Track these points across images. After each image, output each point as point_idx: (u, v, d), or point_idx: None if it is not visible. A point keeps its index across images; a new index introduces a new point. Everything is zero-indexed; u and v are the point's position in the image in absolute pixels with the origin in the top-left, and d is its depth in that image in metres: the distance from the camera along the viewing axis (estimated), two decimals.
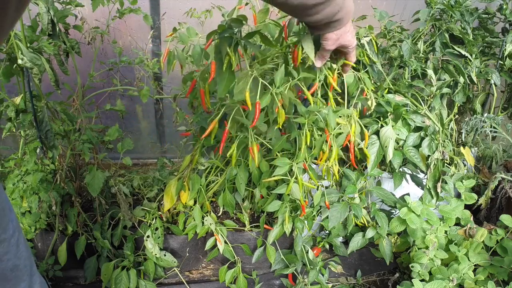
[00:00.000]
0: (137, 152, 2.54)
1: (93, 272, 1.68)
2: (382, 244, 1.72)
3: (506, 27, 2.01)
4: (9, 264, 0.96)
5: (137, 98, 1.83)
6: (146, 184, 1.94)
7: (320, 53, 1.17)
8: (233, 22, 1.14)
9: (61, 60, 1.51)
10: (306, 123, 1.33)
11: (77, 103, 1.64)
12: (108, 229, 1.70)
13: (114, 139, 1.67)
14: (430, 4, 1.84)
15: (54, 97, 1.59)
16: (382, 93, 1.66)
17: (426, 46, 1.87)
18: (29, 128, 1.56)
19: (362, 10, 2.19)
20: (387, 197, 1.66)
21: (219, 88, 1.18)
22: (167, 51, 1.49)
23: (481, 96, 2.07)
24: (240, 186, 1.58)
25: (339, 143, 1.45)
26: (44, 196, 1.59)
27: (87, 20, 1.65)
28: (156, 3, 2.14)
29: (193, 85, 1.43)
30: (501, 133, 1.88)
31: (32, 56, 1.30)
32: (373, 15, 1.85)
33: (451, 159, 1.79)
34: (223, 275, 1.70)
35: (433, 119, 1.69)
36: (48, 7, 1.36)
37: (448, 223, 1.71)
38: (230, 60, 1.15)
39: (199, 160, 1.63)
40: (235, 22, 1.13)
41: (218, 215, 1.78)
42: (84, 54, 1.62)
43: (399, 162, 1.63)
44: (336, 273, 1.85)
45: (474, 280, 1.49)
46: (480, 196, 1.87)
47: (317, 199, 1.60)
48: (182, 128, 1.75)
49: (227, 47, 1.14)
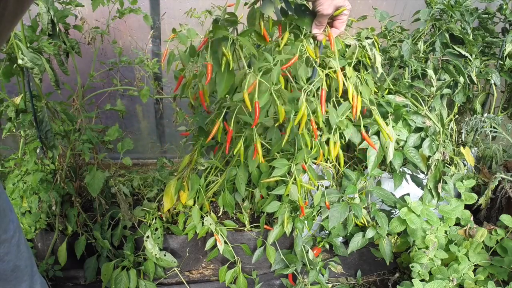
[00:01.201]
0: (137, 152, 2.54)
1: (93, 272, 1.68)
2: (382, 244, 1.72)
3: (506, 27, 2.01)
4: (10, 265, 0.96)
5: (137, 98, 1.83)
6: (146, 184, 1.94)
7: (317, 20, 1.15)
8: (227, 21, 1.13)
9: (61, 60, 1.51)
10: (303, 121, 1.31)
11: (77, 103, 1.64)
12: (108, 229, 1.70)
13: (114, 139, 1.67)
14: (430, 4, 1.84)
15: (54, 97, 1.59)
16: (382, 94, 1.66)
17: (426, 46, 1.87)
18: (29, 128, 1.56)
19: (362, 10, 2.19)
20: (387, 197, 1.66)
21: (219, 88, 1.17)
22: (167, 51, 1.49)
23: (481, 96, 2.07)
24: (240, 186, 1.58)
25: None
26: (44, 196, 1.59)
27: (87, 20, 1.65)
28: (156, 3, 2.14)
29: (180, 81, 1.42)
30: (501, 133, 1.88)
31: (32, 56, 1.30)
32: (373, 16, 1.85)
33: (451, 159, 1.79)
34: (223, 275, 1.70)
35: (433, 119, 1.69)
36: (48, 7, 1.36)
37: (448, 223, 1.71)
38: (227, 60, 1.15)
39: (198, 160, 1.63)
40: (229, 22, 1.13)
41: (218, 215, 1.78)
42: (84, 54, 1.62)
43: (400, 163, 1.63)
44: (336, 273, 1.85)
45: (474, 280, 1.49)
46: (480, 196, 1.87)
47: (317, 199, 1.60)
48: (182, 128, 1.75)
49: (223, 47, 1.13)
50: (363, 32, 1.55)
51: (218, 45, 1.15)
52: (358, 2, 2.30)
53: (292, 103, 1.27)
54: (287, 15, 1.22)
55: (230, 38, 1.14)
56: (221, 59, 1.15)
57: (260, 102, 1.18)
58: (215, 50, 1.16)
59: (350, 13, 1.16)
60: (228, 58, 1.14)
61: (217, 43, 1.15)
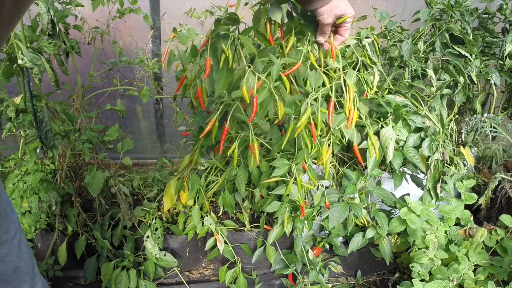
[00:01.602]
0: (137, 152, 2.54)
1: (93, 272, 1.68)
2: (382, 244, 1.72)
3: (506, 27, 2.01)
4: (11, 266, 0.96)
5: (137, 98, 1.83)
6: (146, 184, 1.94)
7: (319, 28, 1.16)
8: (229, 20, 1.13)
9: (61, 60, 1.51)
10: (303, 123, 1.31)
11: (77, 103, 1.64)
12: (108, 229, 1.70)
13: (114, 139, 1.67)
14: (430, 4, 1.84)
15: (54, 97, 1.59)
16: (382, 94, 1.66)
17: (426, 46, 1.87)
18: (29, 128, 1.56)
19: (362, 10, 2.19)
20: (387, 197, 1.66)
21: (217, 85, 1.16)
22: (167, 51, 1.49)
23: (481, 96, 2.07)
24: (240, 186, 1.58)
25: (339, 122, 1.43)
26: (44, 196, 1.59)
27: (87, 20, 1.64)
28: (156, 3, 2.14)
29: (182, 81, 1.42)
30: (501, 133, 1.88)
31: (32, 56, 1.30)
32: (373, 16, 1.85)
33: (451, 159, 1.79)
34: (223, 275, 1.70)
35: (433, 119, 1.69)
36: (48, 7, 1.36)
37: (448, 223, 1.71)
38: (227, 57, 1.15)
39: (198, 160, 1.63)
40: (231, 20, 1.13)
41: (218, 215, 1.78)
42: (84, 54, 1.62)
43: (399, 163, 1.63)
44: (336, 273, 1.85)
45: (474, 280, 1.49)
46: (480, 196, 1.87)
47: (317, 199, 1.60)
48: (182, 128, 1.75)
49: (223, 44, 1.13)
50: (363, 32, 1.55)
51: (217, 42, 1.14)
52: (358, 2, 2.30)
53: (292, 105, 1.27)
54: (293, 19, 1.22)
55: (230, 36, 1.14)
56: (220, 56, 1.15)
57: (259, 98, 1.16)
58: (214, 47, 1.16)
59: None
60: (228, 55, 1.14)
61: (217, 40, 1.15)
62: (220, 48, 1.14)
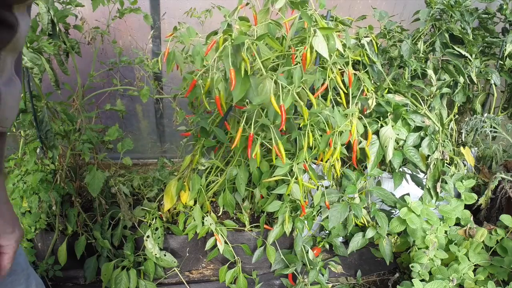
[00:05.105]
0: (137, 152, 2.54)
1: (93, 272, 1.68)
2: (382, 244, 1.72)
3: (506, 27, 2.02)
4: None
5: (137, 98, 1.83)
6: (146, 184, 1.94)
7: None
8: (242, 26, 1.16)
9: (61, 60, 1.51)
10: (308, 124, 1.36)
11: (77, 103, 1.64)
12: (108, 229, 1.70)
13: (114, 139, 1.67)
14: (430, 4, 1.85)
15: (54, 97, 1.59)
16: (382, 93, 1.66)
17: (426, 46, 1.87)
18: (29, 128, 1.56)
19: (362, 10, 2.19)
20: (387, 197, 1.66)
21: (235, 92, 1.20)
22: (167, 51, 1.49)
23: (481, 96, 2.07)
24: (240, 186, 1.58)
25: (343, 141, 1.48)
26: (44, 196, 1.59)
27: (87, 20, 1.64)
28: (156, 3, 2.14)
29: (193, 85, 1.43)
30: (501, 133, 1.88)
31: (32, 56, 1.30)
32: (372, 15, 1.85)
33: (451, 159, 1.79)
34: (223, 275, 1.70)
35: (433, 119, 1.69)
36: (48, 7, 1.36)
37: (448, 223, 1.71)
38: (245, 65, 1.18)
39: (199, 160, 1.63)
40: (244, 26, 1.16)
41: (218, 215, 1.78)
42: (84, 54, 1.62)
43: (399, 162, 1.63)
44: (336, 273, 1.85)
45: (474, 280, 1.49)
46: (480, 196, 1.87)
47: (317, 199, 1.60)
48: (182, 128, 1.75)
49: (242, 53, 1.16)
50: (361, 31, 1.55)
51: (237, 51, 1.17)
52: (358, 2, 2.30)
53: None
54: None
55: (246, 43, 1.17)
56: (240, 64, 1.17)
57: (285, 105, 1.24)
58: (234, 56, 1.19)
59: (350, 12, 1.16)
60: (246, 63, 1.16)
61: (236, 49, 1.17)
62: (240, 57, 1.16)
